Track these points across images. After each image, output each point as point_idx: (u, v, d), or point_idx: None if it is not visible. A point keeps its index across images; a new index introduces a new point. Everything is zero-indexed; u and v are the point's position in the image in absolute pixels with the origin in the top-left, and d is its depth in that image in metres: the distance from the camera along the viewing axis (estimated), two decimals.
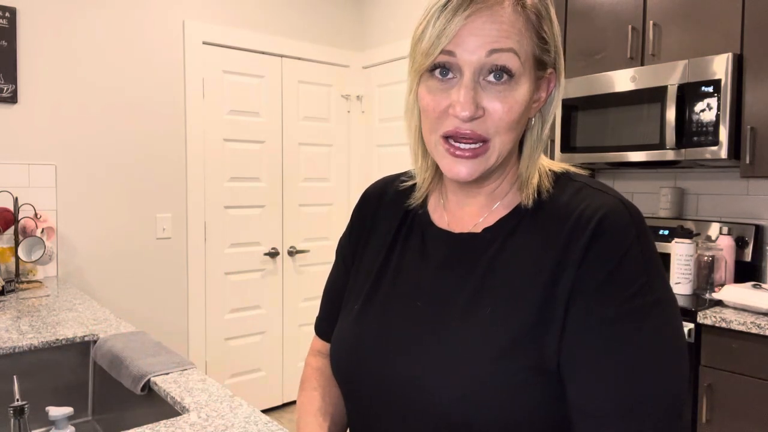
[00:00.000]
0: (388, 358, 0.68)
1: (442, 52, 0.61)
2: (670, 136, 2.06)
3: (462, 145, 0.63)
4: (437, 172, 0.75)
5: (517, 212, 0.68)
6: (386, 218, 0.79)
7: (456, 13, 0.59)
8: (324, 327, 0.86)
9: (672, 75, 2.08)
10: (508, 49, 0.60)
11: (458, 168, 0.63)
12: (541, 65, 0.64)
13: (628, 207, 0.62)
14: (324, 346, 0.86)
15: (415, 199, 0.76)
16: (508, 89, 0.61)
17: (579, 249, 0.60)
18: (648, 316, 0.57)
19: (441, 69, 0.62)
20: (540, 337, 0.60)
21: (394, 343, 0.68)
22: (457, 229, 0.72)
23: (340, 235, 0.88)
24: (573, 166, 0.72)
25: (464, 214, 0.72)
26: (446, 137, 0.63)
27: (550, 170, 0.70)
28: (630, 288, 0.58)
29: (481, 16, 0.60)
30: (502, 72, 0.60)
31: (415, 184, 0.77)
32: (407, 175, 0.81)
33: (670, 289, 0.61)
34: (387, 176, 0.86)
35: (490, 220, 0.70)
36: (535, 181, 0.67)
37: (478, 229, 0.70)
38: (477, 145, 0.63)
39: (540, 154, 0.69)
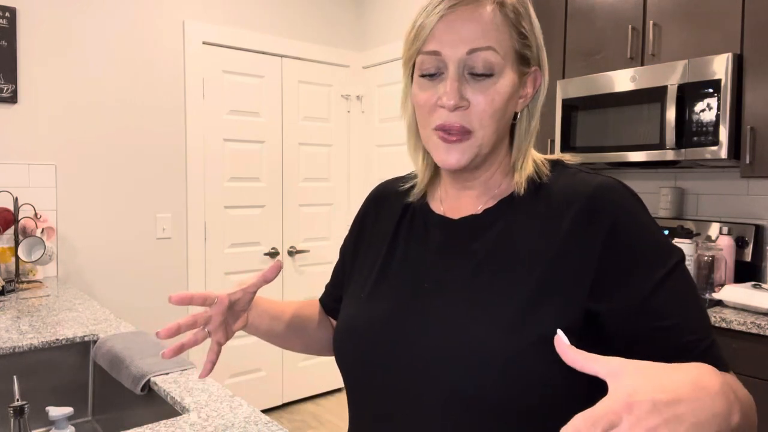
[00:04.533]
0: (398, 338, 0.69)
1: (429, 53, 0.68)
2: (670, 136, 2.06)
3: (451, 133, 0.68)
4: (435, 170, 0.80)
5: (516, 195, 0.72)
6: (387, 215, 0.83)
7: (438, 11, 0.67)
8: (325, 299, 0.94)
9: (672, 75, 2.08)
10: (486, 47, 0.66)
11: (448, 157, 0.69)
12: (524, 60, 0.70)
13: (624, 184, 0.68)
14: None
15: (415, 193, 0.81)
16: (490, 83, 0.67)
17: (600, 230, 0.64)
18: (681, 271, 0.64)
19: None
20: (547, 310, 0.63)
21: (402, 324, 0.70)
22: (456, 217, 0.75)
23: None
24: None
25: (461, 205, 0.76)
26: (438, 128, 0.69)
27: (545, 159, 0.74)
28: (662, 254, 0.64)
29: (461, 16, 0.66)
30: (483, 68, 0.66)
31: (413, 185, 0.82)
32: (408, 177, 0.85)
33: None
34: (390, 179, 0.91)
35: (489, 205, 0.73)
36: (528, 168, 0.72)
37: (478, 213, 0.73)
38: (463, 135, 0.68)
39: (529, 147, 0.74)
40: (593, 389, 0.64)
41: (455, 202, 0.76)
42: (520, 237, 0.68)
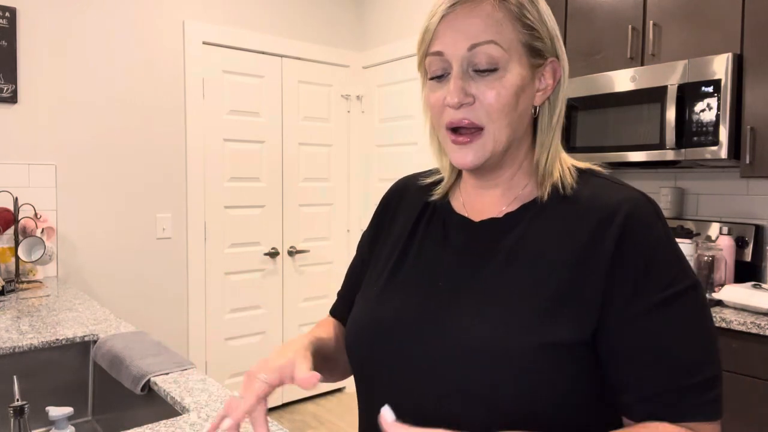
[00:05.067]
0: (410, 337, 0.69)
1: (433, 54, 0.68)
2: (670, 136, 2.06)
3: (462, 131, 0.68)
4: (459, 169, 0.79)
5: (539, 201, 0.71)
6: (407, 211, 0.82)
7: (439, 12, 0.67)
8: (338, 308, 0.90)
9: (672, 75, 2.08)
10: (487, 41, 0.65)
11: (463, 156, 0.68)
12: (535, 52, 0.68)
13: (650, 200, 0.67)
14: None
15: (438, 193, 0.80)
16: (495, 77, 0.66)
17: (610, 237, 0.63)
18: (687, 299, 0.62)
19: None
20: (563, 317, 0.62)
21: (415, 321, 0.69)
22: (477, 219, 0.74)
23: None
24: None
25: (483, 205, 0.74)
26: (450, 129, 0.69)
27: (574, 167, 0.73)
28: (670, 275, 0.62)
29: (461, 14, 0.66)
30: (486, 63, 0.65)
31: (434, 181, 0.81)
32: (428, 172, 0.85)
33: (695, 274, 0.65)
34: (410, 174, 0.89)
35: (512, 209, 0.72)
36: (556, 174, 0.70)
37: (500, 216, 0.72)
38: (472, 132, 0.68)
39: (553, 142, 0.72)
40: (601, 399, 0.64)
41: (478, 202, 0.75)
42: (539, 244, 0.67)
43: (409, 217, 0.81)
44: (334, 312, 0.92)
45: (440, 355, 0.65)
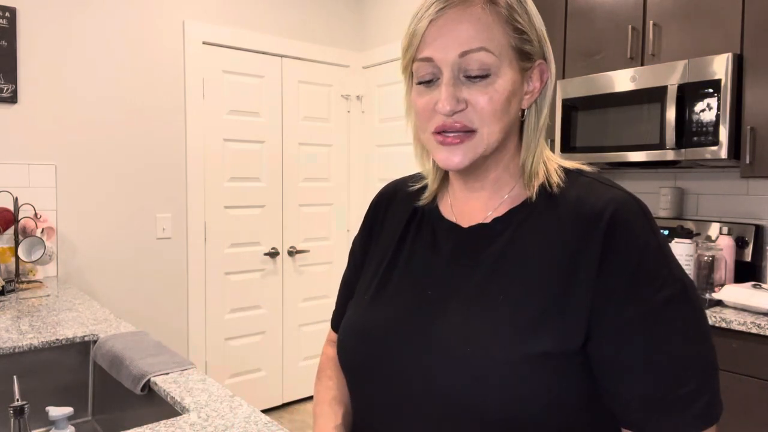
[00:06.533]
0: (398, 345, 0.69)
1: (422, 59, 0.66)
2: (670, 136, 2.06)
3: (451, 133, 0.67)
4: (445, 173, 0.78)
5: (527, 204, 0.70)
6: (396, 216, 0.82)
7: (428, 15, 0.66)
8: (338, 320, 0.88)
9: (672, 75, 2.08)
10: (478, 48, 0.64)
11: (450, 156, 0.67)
12: (525, 56, 0.67)
13: (637, 200, 0.65)
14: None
15: (425, 198, 0.79)
16: (487, 83, 0.65)
17: (596, 241, 0.62)
18: (678, 303, 0.60)
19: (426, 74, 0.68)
20: (552, 325, 0.61)
21: (404, 330, 0.69)
22: (465, 224, 0.73)
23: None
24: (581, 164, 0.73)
25: (471, 209, 0.74)
26: (437, 132, 0.68)
27: (560, 167, 0.72)
28: (657, 279, 0.61)
29: (451, 18, 0.64)
30: (478, 69, 0.64)
31: (423, 186, 0.81)
32: (417, 177, 0.84)
33: (686, 274, 0.63)
34: (399, 178, 0.89)
35: (499, 213, 0.71)
36: (541, 174, 0.69)
37: (488, 222, 0.71)
38: (464, 133, 0.67)
39: (540, 144, 0.71)
40: (593, 406, 0.63)
41: (465, 206, 0.74)
42: (527, 250, 0.66)
43: (399, 223, 0.80)
44: (334, 324, 0.91)
45: (427, 363, 0.65)
